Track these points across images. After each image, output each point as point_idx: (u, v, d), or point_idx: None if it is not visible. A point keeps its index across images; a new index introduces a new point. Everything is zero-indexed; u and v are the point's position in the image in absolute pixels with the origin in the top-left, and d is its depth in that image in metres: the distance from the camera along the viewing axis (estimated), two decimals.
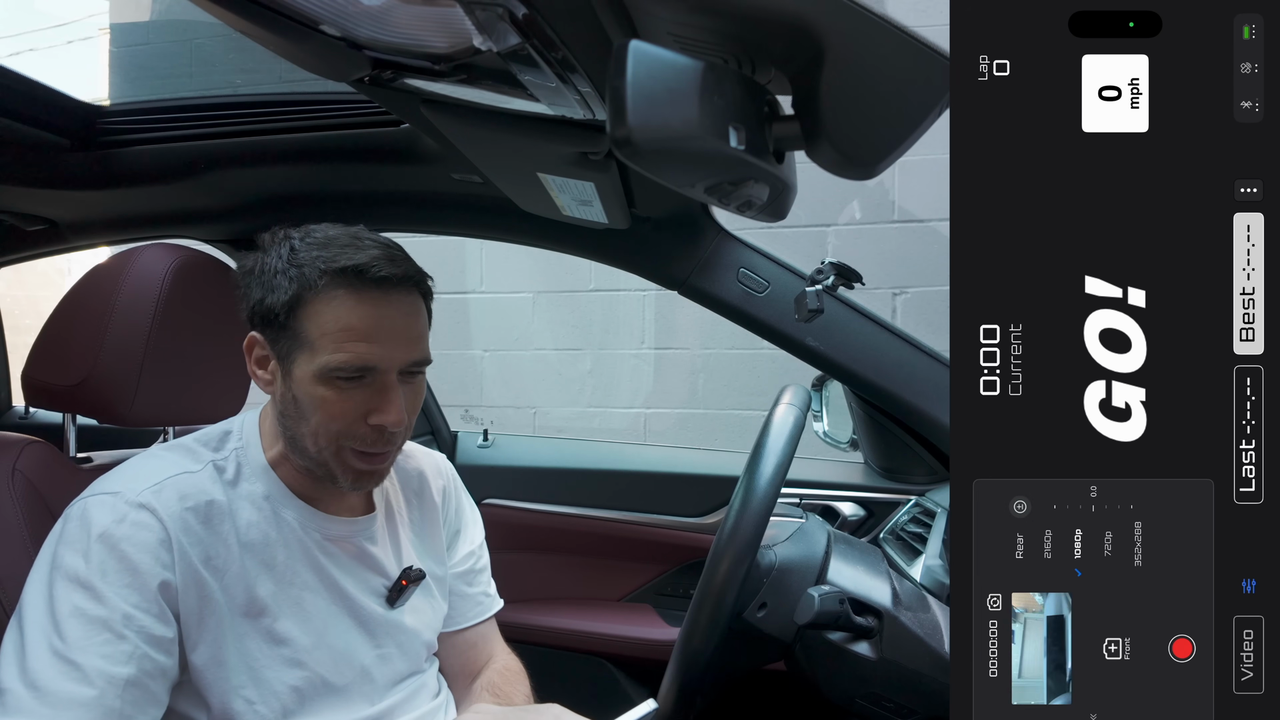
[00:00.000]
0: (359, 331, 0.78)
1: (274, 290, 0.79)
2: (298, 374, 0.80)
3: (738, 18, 0.47)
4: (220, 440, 0.87)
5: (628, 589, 1.59)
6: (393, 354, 0.80)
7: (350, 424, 0.80)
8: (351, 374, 0.78)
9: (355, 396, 0.79)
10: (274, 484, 0.85)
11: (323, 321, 0.78)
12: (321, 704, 0.83)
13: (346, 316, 0.78)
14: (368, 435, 0.80)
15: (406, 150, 1.11)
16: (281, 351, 0.81)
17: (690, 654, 0.86)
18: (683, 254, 1.20)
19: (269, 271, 0.80)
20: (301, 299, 0.78)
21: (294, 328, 0.79)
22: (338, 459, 0.81)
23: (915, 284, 2.80)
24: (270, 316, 0.80)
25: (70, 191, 1.20)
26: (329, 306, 0.78)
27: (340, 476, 0.82)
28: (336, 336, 0.78)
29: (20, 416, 1.79)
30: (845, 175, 0.49)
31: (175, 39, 3.87)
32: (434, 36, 0.67)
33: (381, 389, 0.80)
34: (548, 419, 3.20)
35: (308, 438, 0.81)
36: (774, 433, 0.90)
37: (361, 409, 0.80)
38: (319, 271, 0.78)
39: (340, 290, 0.78)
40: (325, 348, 0.78)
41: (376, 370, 0.79)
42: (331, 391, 0.79)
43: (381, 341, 0.79)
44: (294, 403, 0.81)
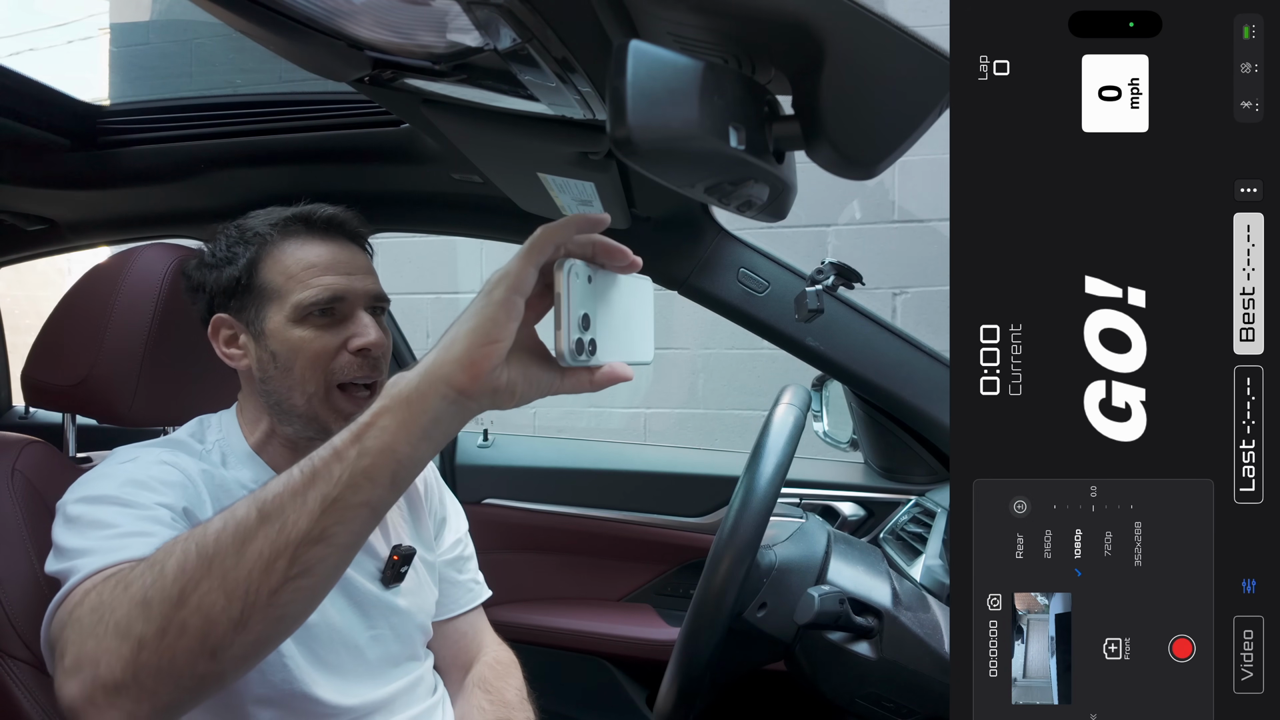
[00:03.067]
0: (321, 265, 0.84)
1: (231, 262, 0.85)
2: (271, 327, 0.83)
3: (738, 18, 0.47)
4: (198, 434, 0.88)
5: (627, 589, 1.59)
6: (355, 284, 0.85)
7: (332, 356, 0.83)
8: (324, 305, 0.83)
9: (330, 329, 0.84)
10: (260, 468, 0.86)
11: (285, 265, 0.84)
12: (315, 682, 0.83)
13: (306, 254, 0.84)
14: (352, 363, 0.84)
15: (406, 150, 1.11)
16: (250, 315, 0.84)
17: (690, 654, 0.86)
18: (683, 254, 1.20)
19: (220, 252, 0.86)
20: (260, 255, 0.84)
21: (258, 284, 0.84)
22: (327, 404, 0.83)
23: (915, 284, 2.80)
24: (232, 286, 0.84)
25: (70, 191, 1.20)
26: (287, 250, 0.85)
27: (333, 424, 0.83)
28: (301, 275, 0.83)
29: (20, 416, 1.79)
30: (845, 175, 0.49)
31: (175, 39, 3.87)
32: (434, 36, 0.68)
33: (354, 318, 0.85)
34: (548, 419, 3.20)
35: (295, 389, 0.83)
36: (774, 433, 0.90)
37: (339, 339, 0.84)
38: (269, 226, 0.85)
39: (292, 236, 0.85)
40: (293, 289, 0.83)
41: (345, 300, 0.84)
42: (308, 330, 0.83)
43: (344, 273, 0.85)
44: (273, 359, 0.83)
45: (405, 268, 3.22)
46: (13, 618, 0.82)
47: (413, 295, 3.18)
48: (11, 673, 0.82)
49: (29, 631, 0.81)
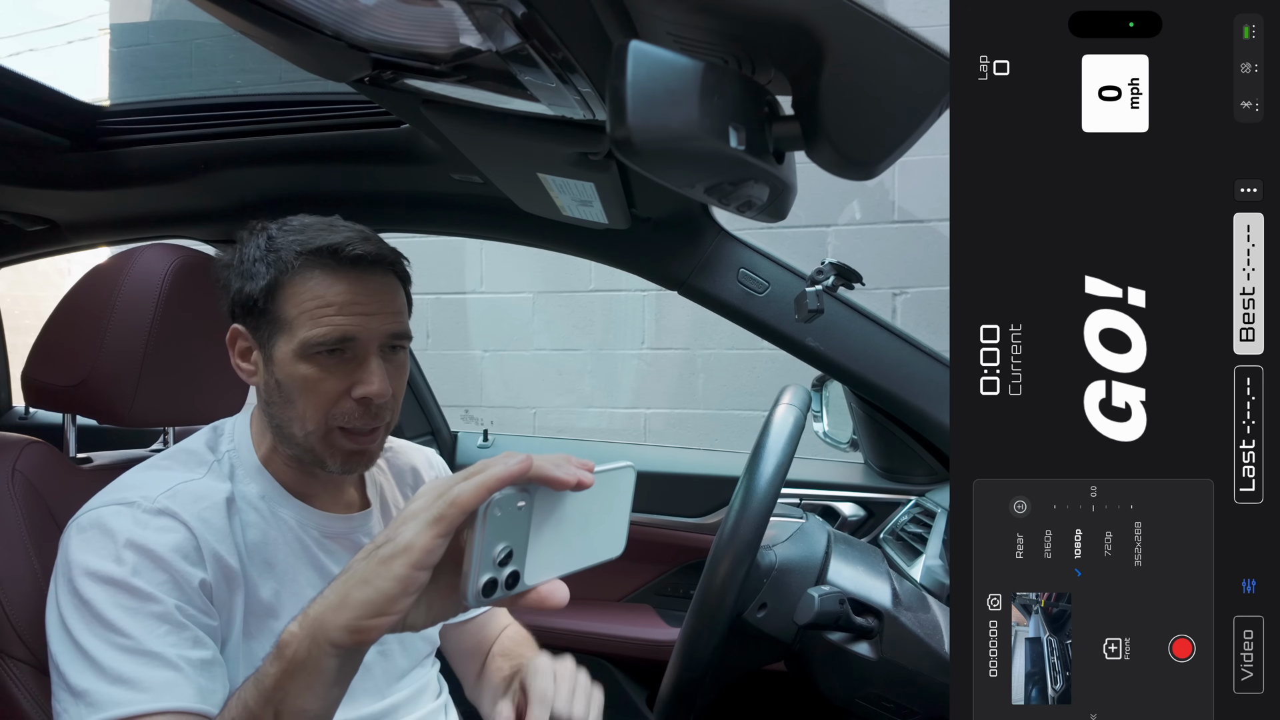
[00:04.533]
0: (335, 305, 0.79)
1: (252, 278, 0.81)
2: (279, 357, 0.80)
3: (738, 18, 0.47)
4: (212, 443, 0.87)
5: (628, 589, 1.59)
6: (370, 325, 0.81)
7: (335, 400, 0.80)
8: (331, 346, 0.79)
9: (337, 372, 0.80)
10: (269, 483, 0.85)
11: (300, 300, 0.80)
12: None
13: (322, 292, 0.79)
14: (353, 411, 0.81)
15: (406, 150, 1.11)
16: (262, 338, 0.82)
17: (690, 654, 0.86)
18: (683, 254, 1.20)
19: (247, 261, 0.82)
20: (279, 282, 0.80)
21: (273, 312, 0.80)
22: (325, 441, 0.81)
23: (915, 284, 2.81)
24: (250, 304, 0.81)
25: (70, 191, 1.20)
26: (305, 285, 0.80)
27: (329, 460, 0.82)
28: (314, 312, 0.79)
29: (20, 416, 1.80)
30: (845, 175, 0.49)
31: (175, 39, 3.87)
32: (434, 36, 0.67)
33: (362, 362, 0.81)
34: (548, 419, 3.20)
35: (294, 422, 0.81)
36: (774, 433, 0.89)
37: (344, 383, 0.80)
38: (294, 254, 0.80)
39: (316, 269, 0.80)
40: (303, 324, 0.79)
41: (356, 342, 0.80)
42: (313, 369, 0.79)
43: (358, 313, 0.80)
44: (278, 388, 0.81)
45: None
46: (13, 618, 0.82)
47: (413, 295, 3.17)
48: (11, 673, 0.82)
49: (29, 632, 0.81)
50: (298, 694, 0.57)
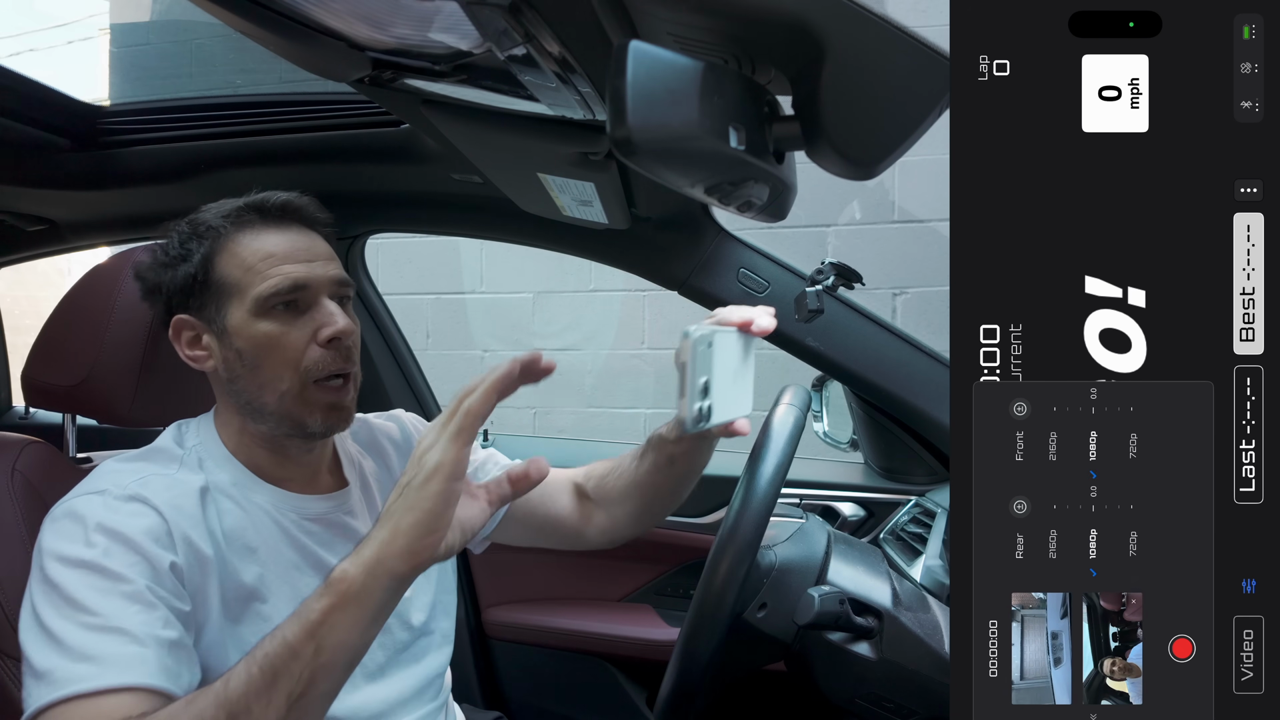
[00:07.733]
0: (279, 255, 0.81)
1: (185, 259, 0.82)
2: (233, 324, 0.80)
3: (738, 18, 0.47)
4: (179, 439, 0.86)
5: (628, 589, 1.59)
6: (315, 270, 0.82)
7: (302, 350, 0.80)
8: (286, 296, 0.80)
9: (296, 323, 0.80)
10: (239, 471, 0.84)
11: (242, 257, 0.81)
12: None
13: (263, 244, 0.81)
14: (324, 357, 0.81)
15: (406, 150, 1.11)
16: (210, 313, 0.81)
17: (690, 654, 0.86)
18: (683, 254, 1.20)
19: (174, 249, 0.83)
20: (215, 249, 0.81)
21: (216, 281, 0.81)
22: (301, 399, 0.81)
23: (915, 284, 2.80)
24: (189, 285, 0.81)
25: (70, 191, 1.21)
26: (241, 242, 0.81)
27: (309, 420, 0.81)
28: (259, 266, 0.80)
29: (20, 416, 1.79)
30: (845, 175, 0.49)
31: (175, 39, 3.87)
32: (434, 36, 0.68)
33: (319, 306, 0.81)
34: (548, 419, 3.20)
35: (266, 388, 0.80)
36: (774, 433, 0.89)
37: (306, 331, 0.81)
38: (221, 219, 0.82)
39: (246, 227, 0.82)
40: (253, 281, 0.80)
41: (308, 289, 0.81)
42: (273, 324, 0.80)
43: (302, 260, 0.81)
44: (239, 358, 0.80)
45: (405, 268, 3.22)
46: (12, 618, 0.82)
47: (413, 295, 3.18)
48: (11, 673, 0.82)
49: None
50: (345, 627, 0.60)
